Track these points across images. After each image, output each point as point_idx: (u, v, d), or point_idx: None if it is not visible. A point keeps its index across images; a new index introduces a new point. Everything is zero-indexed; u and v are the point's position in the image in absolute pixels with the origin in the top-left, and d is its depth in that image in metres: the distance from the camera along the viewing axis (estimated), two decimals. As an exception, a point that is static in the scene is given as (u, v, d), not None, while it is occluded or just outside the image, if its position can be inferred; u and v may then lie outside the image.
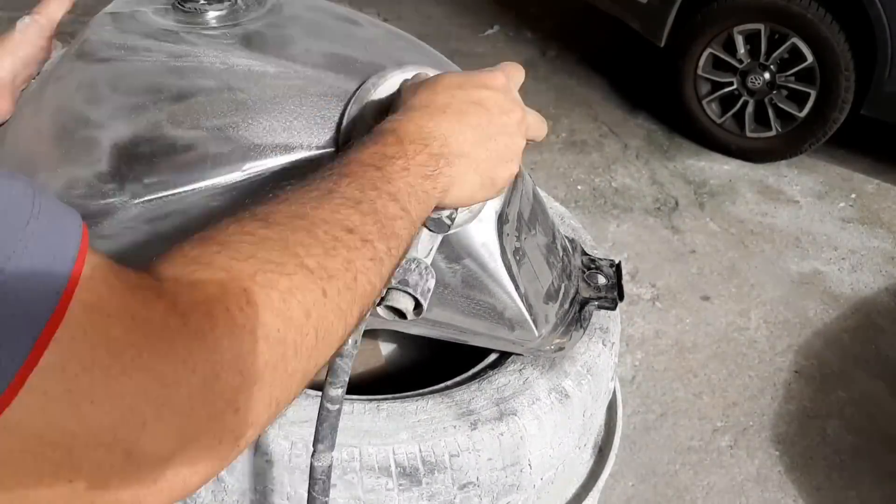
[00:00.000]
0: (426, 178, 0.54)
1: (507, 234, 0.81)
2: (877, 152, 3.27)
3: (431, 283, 0.60)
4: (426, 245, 0.63)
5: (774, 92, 3.08)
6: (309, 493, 0.63)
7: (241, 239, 0.41)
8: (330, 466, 0.62)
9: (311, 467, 0.62)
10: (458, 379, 0.88)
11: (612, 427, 1.09)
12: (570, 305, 0.91)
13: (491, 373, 0.87)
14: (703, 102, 3.22)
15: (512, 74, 0.66)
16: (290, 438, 0.75)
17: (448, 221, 0.62)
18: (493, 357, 0.92)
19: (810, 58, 2.94)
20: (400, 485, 0.74)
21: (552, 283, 0.89)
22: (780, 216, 2.92)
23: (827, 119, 2.99)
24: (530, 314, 0.83)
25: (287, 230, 0.43)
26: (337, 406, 0.61)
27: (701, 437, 1.98)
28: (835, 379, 2.20)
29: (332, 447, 0.62)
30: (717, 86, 3.19)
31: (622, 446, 1.13)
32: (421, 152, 0.54)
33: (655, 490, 1.83)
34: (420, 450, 0.75)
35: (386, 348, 1.09)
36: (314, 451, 0.62)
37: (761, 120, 3.16)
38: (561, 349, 0.86)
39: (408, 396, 0.83)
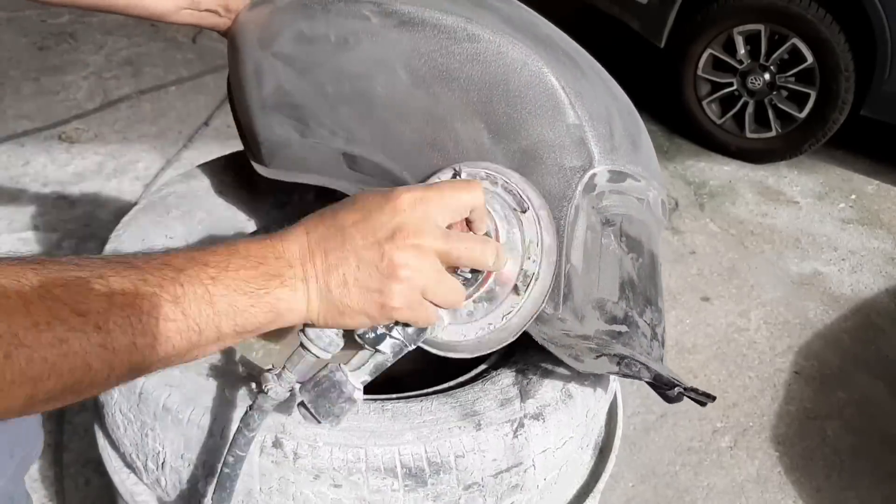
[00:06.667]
0: (245, 294, 0.53)
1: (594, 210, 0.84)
2: (876, 153, 3.28)
3: (347, 406, 0.61)
4: (357, 362, 0.63)
5: (774, 92, 3.08)
6: None
7: None
8: None
9: None
10: (461, 379, 0.88)
11: (613, 428, 1.09)
12: (611, 339, 0.86)
13: (494, 373, 0.87)
14: (703, 103, 3.23)
15: (447, 202, 0.59)
16: (295, 438, 0.75)
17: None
18: (495, 358, 0.92)
19: (810, 58, 2.94)
20: (406, 485, 0.74)
21: (611, 301, 0.86)
22: (780, 217, 2.92)
23: (827, 120, 3.00)
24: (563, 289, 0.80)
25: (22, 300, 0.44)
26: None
27: (701, 438, 1.98)
28: (835, 380, 2.20)
29: None
30: (717, 86, 3.19)
31: (622, 447, 1.13)
32: (245, 268, 0.54)
33: (655, 491, 1.83)
34: (426, 450, 0.75)
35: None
36: None
37: (761, 120, 3.17)
38: (578, 359, 0.80)
39: (412, 397, 0.83)
